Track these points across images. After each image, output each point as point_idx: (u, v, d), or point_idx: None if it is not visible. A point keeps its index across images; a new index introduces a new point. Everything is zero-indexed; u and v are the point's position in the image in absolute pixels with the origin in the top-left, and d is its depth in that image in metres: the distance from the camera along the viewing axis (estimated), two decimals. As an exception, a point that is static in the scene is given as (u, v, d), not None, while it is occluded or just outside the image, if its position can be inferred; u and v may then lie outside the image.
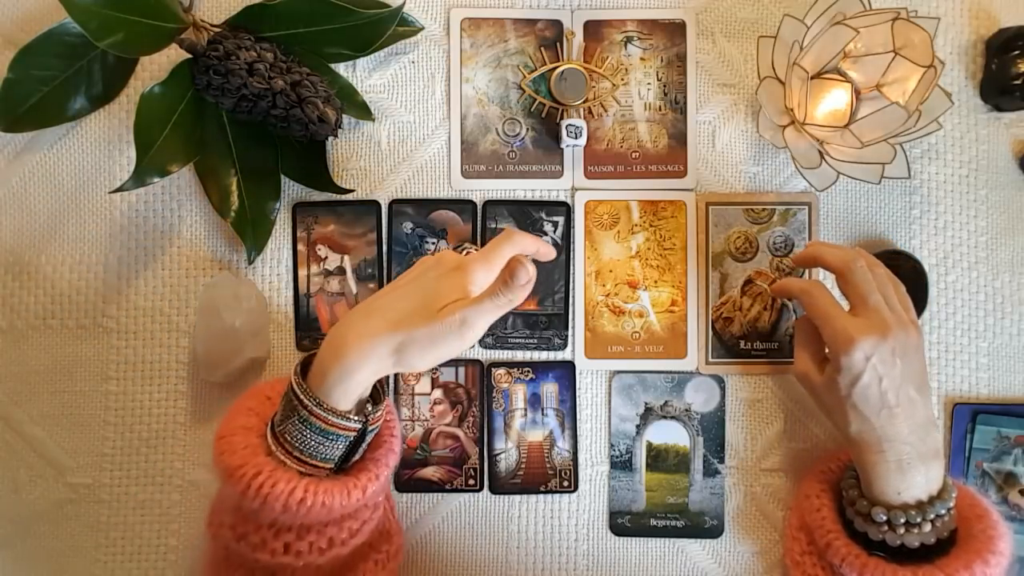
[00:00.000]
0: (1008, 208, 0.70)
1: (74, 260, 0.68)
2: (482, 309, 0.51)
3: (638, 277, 0.69)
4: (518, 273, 0.50)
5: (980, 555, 0.55)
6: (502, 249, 0.55)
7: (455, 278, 0.53)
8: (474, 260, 0.54)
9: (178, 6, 0.61)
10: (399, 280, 0.56)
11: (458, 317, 0.51)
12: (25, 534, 0.67)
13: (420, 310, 0.52)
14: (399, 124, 0.69)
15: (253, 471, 0.50)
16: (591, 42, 0.70)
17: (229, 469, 0.50)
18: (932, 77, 0.60)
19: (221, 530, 0.53)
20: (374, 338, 0.51)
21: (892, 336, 0.56)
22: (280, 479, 0.50)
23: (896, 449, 0.56)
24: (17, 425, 0.68)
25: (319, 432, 0.51)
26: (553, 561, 0.68)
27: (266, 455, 0.52)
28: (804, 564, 0.61)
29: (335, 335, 0.52)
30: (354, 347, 0.51)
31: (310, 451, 0.52)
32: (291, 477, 0.50)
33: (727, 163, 0.70)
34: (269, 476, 0.50)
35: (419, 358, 0.52)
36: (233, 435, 0.52)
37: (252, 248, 0.67)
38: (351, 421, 0.52)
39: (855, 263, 0.59)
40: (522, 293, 0.52)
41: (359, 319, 0.53)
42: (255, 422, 0.54)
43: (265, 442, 0.53)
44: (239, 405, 0.56)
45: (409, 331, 0.51)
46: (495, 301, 0.51)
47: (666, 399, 0.68)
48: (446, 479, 0.68)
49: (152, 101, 0.60)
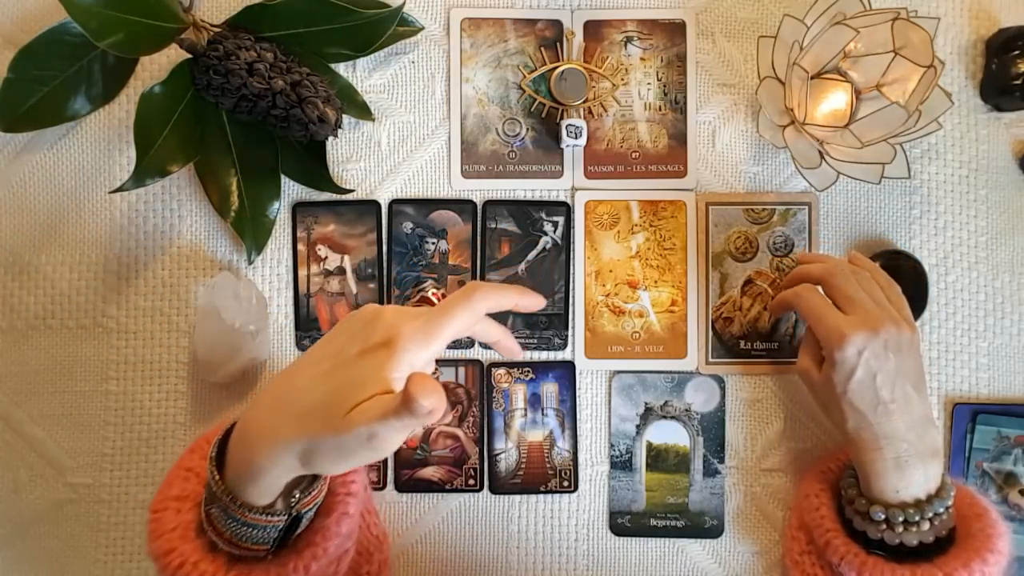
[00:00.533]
0: (1008, 208, 0.70)
1: (74, 260, 0.68)
2: (390, 426, 0.41)
3: (638, 277, 0.69)
4: (416, 404, 0.39)
5: (979, 554, 0.55)
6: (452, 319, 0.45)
7: (376, 363, 0.44)
8: (407, 337, 0.44)
9: (178, 6, 0.61)
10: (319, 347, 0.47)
11: (364, 432, 0.42)
12: (25, 534, 0.67)
13: (325, 411, 0.43)
14: (399, 124, 0.69)
15: (178, 560, 0.46)
16: (591, 42, 0.70)
17: (154, 554, 0.47)
18: (932, 77, 0.60)
19: None
20: (278, 443, 0.44)
21: (883, 330, 0.56)
22: (206, 571, 0.46)
23: (894, 447, 0.56)
24: (17, 425, 0.68)
25: (242, 524, 0.46)
26: (553, 561, 0.68)
27: (197, 535, 0.48)
28: (803, 563, 0.61)
29: (245, 425, 0.46)
30: (259, 450, 0.44)
31: (239, 536, 0.47)
32: (216, 569, 0.46)
33: (727, 163, 0.70)
34: (193, 568, 0.46)
35: (329, 466, 0.45)
36: (164, 511, 0.48)
37: (252, 248, 0.67)
38: (275, 515, 0.46)
39: (835, 268, 0.60)
40: (432, 420, 0.40)
41: (266, 411, 0.45)
42: (192, 487, 0.50)
43: (199, 515, 0.48)
44: (177, 467, 0.52)
45: (313, 438, 0.43)
46: (396, 421, 0.41)
47: (666, 399, 0.68)
48: (446, 479, 0.68)
49: (152, 101, 0.60)
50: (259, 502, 0.46)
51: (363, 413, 0.42)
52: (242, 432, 0.46)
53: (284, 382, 0.46)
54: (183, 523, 0.48)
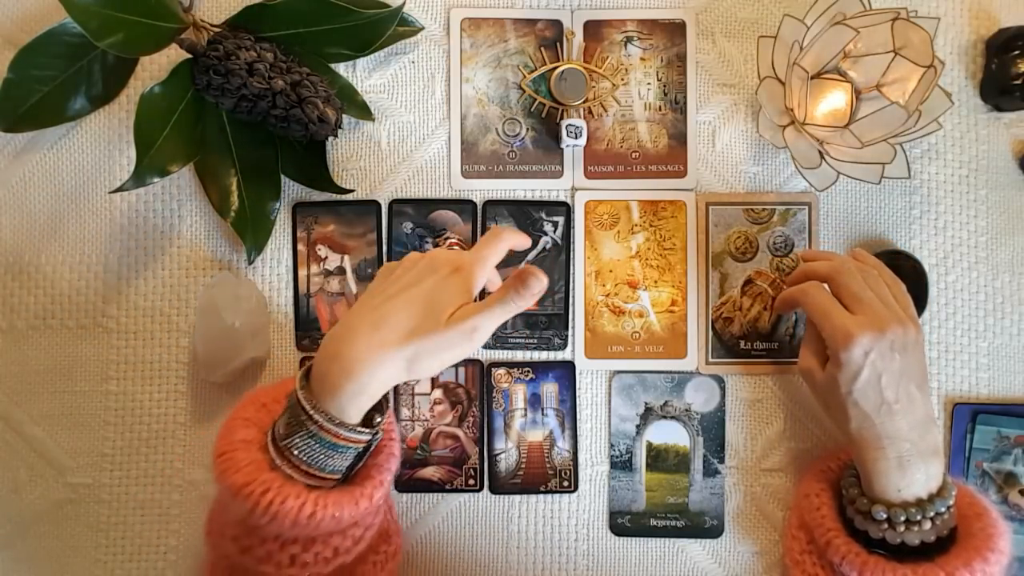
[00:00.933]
0: (1008, 208, 0.70)
1: (74, 260, 0.68)
2: (492, 314, 0.52)
3: (638, 277, 0.69)
4: (531, 283, 0.51)
5: (980, 553, 0.55)
6: (496, 248, 0.57)
7: (456, 282, 0.54)
8: (473, 263, 0.55)
9: (178, 6, 0.61)
10: (392, 283, 0.55)
11: (469, 324, 0.52)
12: (25, 534, 0.67)
13: (428, 319, 0.52)
14: (399, 124, 0.69)
15: (261, 488, 0.49)
16: (591, 42, 0.70)
17: (235, 487, 0.49)
18: (932, 77, 0.60)
19: (222, 541, 0.53)
20: (387, 352, 0.51)
21: (890, 331, 0.56)
22: (289, 494, 0.49)
23: (896, 446, 0.56)
24: (17, 425, 0.68)
25: (328, 446, 0.51)
26: (553, 561, 0.68)
27: (270, 469, 0.51)
28: (804, 563, 0.61)
29: (342, 349, 0.51)
30: (367, 362, 0.51)
31: (318, 464, 0.51)
32: (299, 492, 0.50)
33: (727, 163, 0.70)
34: (278, 492, 0.49)
35: (430, 366, 0.53)
36: (234, 450, 0.51)
37: (252, 248, 0.67)
38: (362, 433, 0.52)
39: (842, 266, 0.60)
40: (532, 300, 0.53)
41: (366, 331, 0.52)
42: (254, 434, 0.53)
43: (268, 455, 0.52)
44: (235, 417, 0.55)
45: (420, 341, 0.51)
46: (505, 307, 0.52)
47: (666, 399, 0.68)
48: (446, 479, 0.68)
49: (152, 101, 0.60)
50: (353, 420, 0.52)
51: (466, 313, 0.52)
52: (342, 353, 0.51)
53: (373, 309, 0.53)
54: (255, 460, 0.51)
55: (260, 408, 0.56)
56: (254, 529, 0.51)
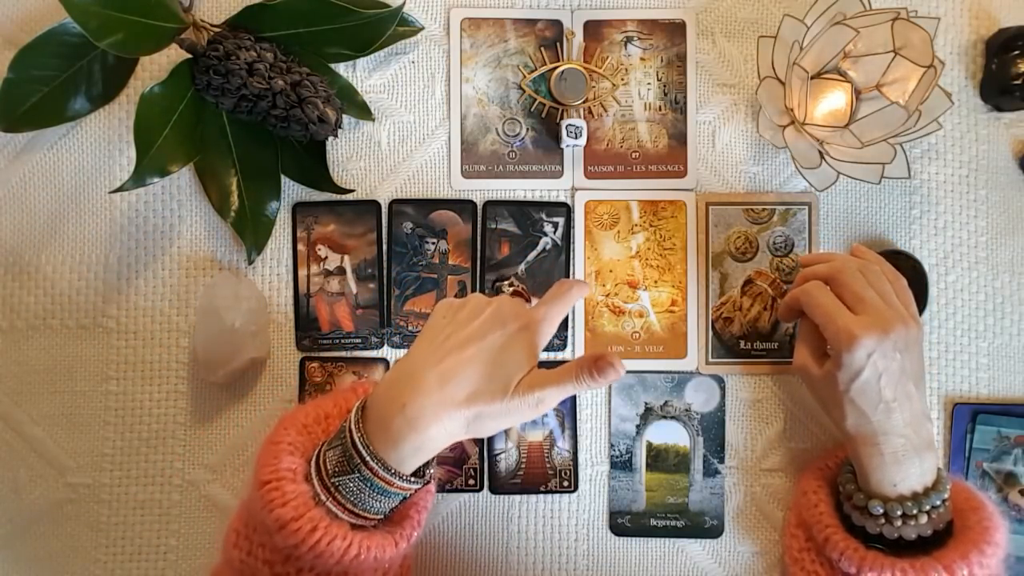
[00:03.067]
0: (1008, 208, 0.70)
1: (74, 260, 0.68)
2: (562, 391, 0.52)
3: (638, 277, 0.69)
4: (608, 373, 0.51)
5: (976, 546, 0.55)
6: (563, 305, 0.57)
7: (523, 342, 0.53)
8: (540, 321, 0.55)
9: (178, 6, 0.61)
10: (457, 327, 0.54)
11: (535, 396, 0.52)
12: (25, 534, 0.67)
13: (495, 385, 0.52)
14: (399, 124, 0.69)
15: (309, 526, 0.49)
16: (591, 42, 0.70)
17: (282, 521, 0.49)
18: (932, 77, 0.60)
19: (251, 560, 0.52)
20: (453, 412, 0.51)
21: (894, 331, 0.56)
22: (336, 535, 0.49)
23: (892, 442, 0.56)
24: (17, 425, 0.68)
25: (379, 491, 0.51)
26: (553, 561, 0.68)
27: (316, 505, 0.50)
28: (803, 560, 0.61)
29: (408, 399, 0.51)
30: (432, 422, 0.51)
31: (364, 505, 0.51)
32: (345, 532, 0.50)
33: (727, 163, 0.70)
34: (325, 532, 0.49)
35: (490, 428, 0.53)
36: (280, 480, 0.51)
37: (252, 248, 0.67)
38: (414, 483, 0.52)
39: (843, 266, 0.60)
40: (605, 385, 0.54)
41: (434, 386, 0.51)
42: (299, 462, 0.53)
43: (312, 486, 0.51)
44: (278, 440, 0.54)
45: (486, 406, 0.51)
46: (576, 387, 0.52)
47: (666, 399, 0.68)
48: (446, 479, 0.68)
49: (152, 101, 0.60)
50: (409, 470, 0.52)
51: (534, 384, 0.52)
52: (403, 408, 0.51)
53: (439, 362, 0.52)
54: (302, 492, 0.51)
55: (302, 431, 0.55)
56: (292, 559, 0.50)
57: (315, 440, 0.55)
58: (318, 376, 0.68)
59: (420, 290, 0.68)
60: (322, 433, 0.56)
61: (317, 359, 0.68)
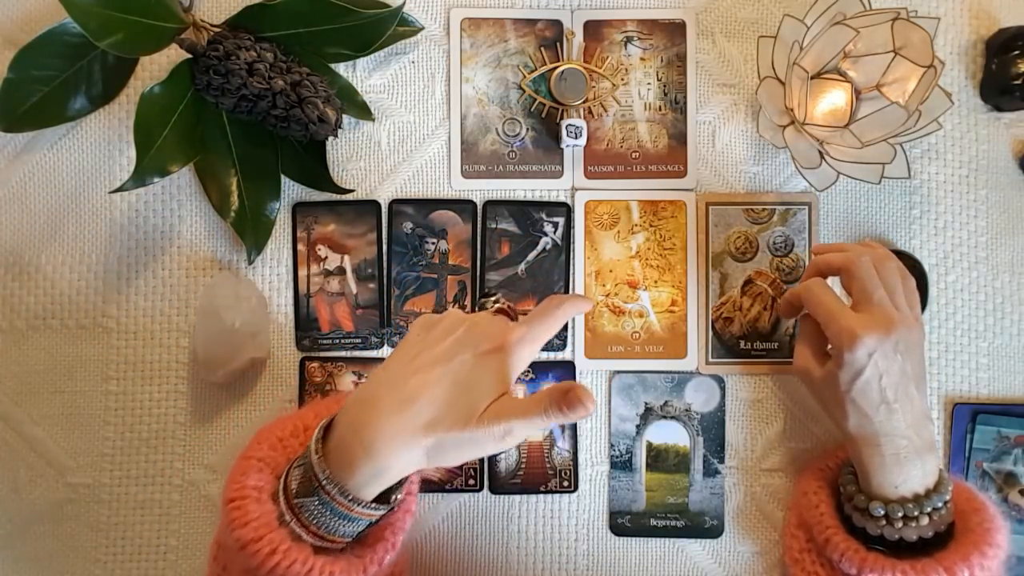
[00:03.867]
0: (1008, 208, 0.70)
1: (74, 260, 0.68)
2: (530, 424, 0.48)
3: (638, 277, 0.69)
4: (577, 409, 0.47)
5: (977, 547, 0.55)
6: (551, 324, 0.52)
7: (494, 368, 0.49)
8: (517, 342, 0.50)
9: (178, 6, 0.61)
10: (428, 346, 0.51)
11: (502, 427, 0.48)
12: (25, 534, 0.67)
13: (459, 412, 0.48)
14: (399, 124, 0.69)
15: (268, 548, 0.47)
16: (591, 42, 0.70)
17: (243, 542, 0.47)
18: (932, 77, 0.60)
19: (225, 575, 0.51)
20: (410, 439, 0.48)
21: (896, 332, 0.56)
22: (296, 559, 0.47)
23: (893, 443, 0.56)
24: (17, 425, 0.68)
25: (340, 515, 0.49)
26: (553, 561, 0.68)
27: (280, 525, 0.49)
28: (803, 561, 0.61)
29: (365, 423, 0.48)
30: (389, 448, 0.47)
31: (327, 528, 0.49)
32: (306, 556, 0.48)
33: (727, 163, 0.70)
34: (284, 556, 0.47)
35: (452, 459, 0.49)
36: (244, 499, 0.49)
37: (252, 248, 0.67)
38: (377, 509, 0.50)
39: (860, 259, 0.59)
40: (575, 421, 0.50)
41: (392, 410, 0.48)
42: (267, 479, 0.51)
43: (278, 506, 0.49)
44: (249, 455, 0.52)
45: (445, 435, 0.48)
46: (545, 420, 0.48)
47: (666, 399, 0.68)
48: (446, 479, 0.68)
49: (152, 101, 0.60)
50: (369, 497, 0.49)
51: (500, 414, 0.48)
52: (358, 432, 0.48)
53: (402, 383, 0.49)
54: (266, 512, 0.49)
55: (276, 445, 0.53)
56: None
57: (289, 455, 0.53)
58: (318, 376, 0.68)
59: (420, 290, 0.68)
60: (298, 447, 0.54)
61: (317, 359, 0.68)
